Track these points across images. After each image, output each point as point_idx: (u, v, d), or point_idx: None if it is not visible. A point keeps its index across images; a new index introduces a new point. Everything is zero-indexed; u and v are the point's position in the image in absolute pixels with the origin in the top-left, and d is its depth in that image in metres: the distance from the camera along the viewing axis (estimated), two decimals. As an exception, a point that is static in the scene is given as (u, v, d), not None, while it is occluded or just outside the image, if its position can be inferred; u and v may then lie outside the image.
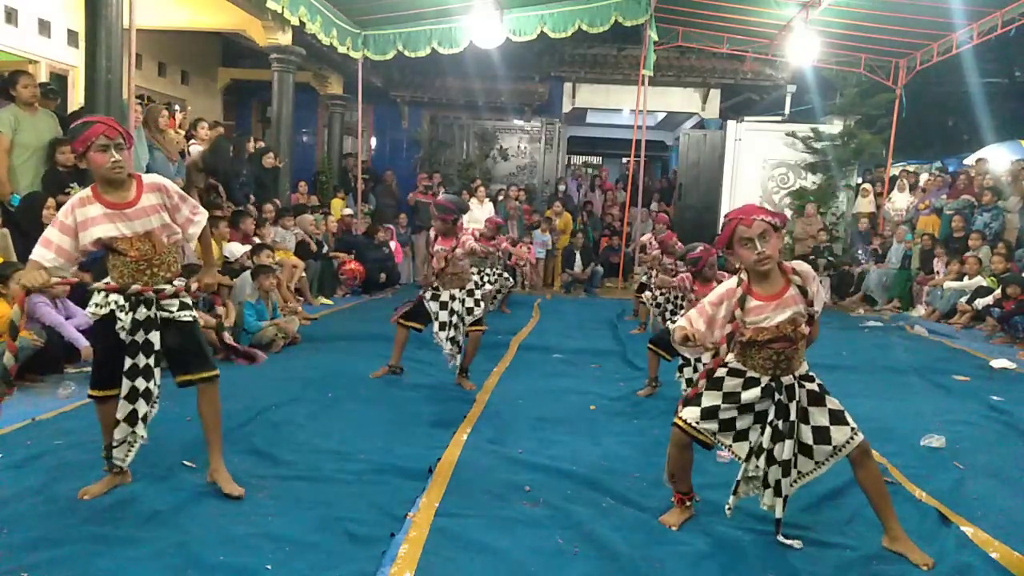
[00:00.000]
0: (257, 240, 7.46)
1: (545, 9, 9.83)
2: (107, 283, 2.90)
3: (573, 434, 4.07)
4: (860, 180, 12.38)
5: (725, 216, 2.73)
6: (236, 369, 5.29)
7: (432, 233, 5.06)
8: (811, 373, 2.77)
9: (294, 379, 4.98)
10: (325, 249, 9.38)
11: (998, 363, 6.42)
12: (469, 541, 2.70)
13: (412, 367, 5.41)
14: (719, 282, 4.54)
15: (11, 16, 7.96)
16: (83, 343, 4.81)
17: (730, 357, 2.80)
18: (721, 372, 2.80)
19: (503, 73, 12.95)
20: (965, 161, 13.19)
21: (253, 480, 3.15)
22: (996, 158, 12.28)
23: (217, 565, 2.44)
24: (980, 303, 8.28)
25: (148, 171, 6.60)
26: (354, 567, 2.49)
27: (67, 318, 4.80)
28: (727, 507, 2.85)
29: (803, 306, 2.66)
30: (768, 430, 2.70)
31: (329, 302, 8.71)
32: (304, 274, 8.30)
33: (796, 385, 2.71)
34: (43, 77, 8.38)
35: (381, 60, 10.79)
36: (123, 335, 2.86)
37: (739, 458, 2.83)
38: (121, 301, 2.86)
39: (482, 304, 5.07)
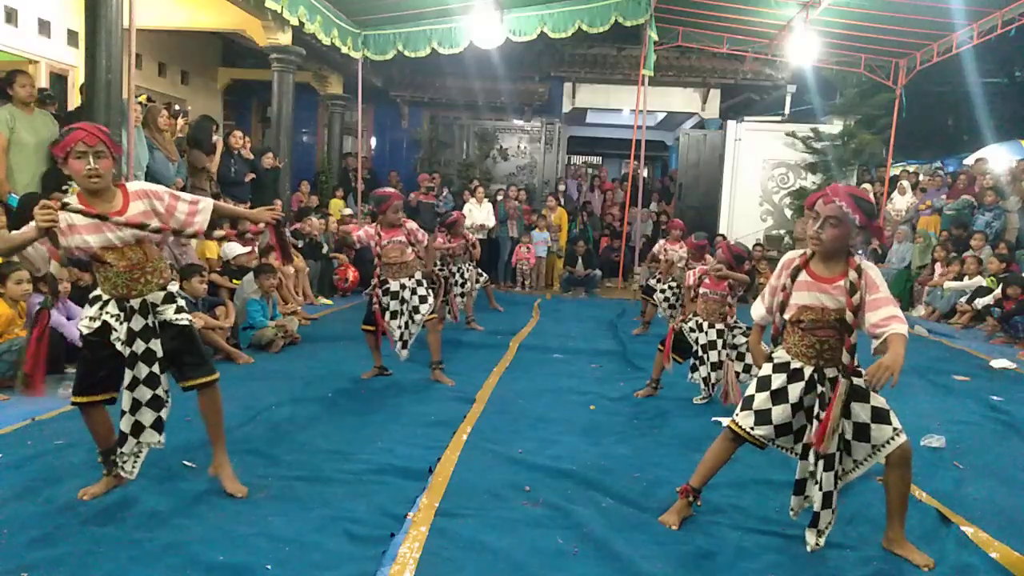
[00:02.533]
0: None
1: (545, 9, 9.82)
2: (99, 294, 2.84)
3: (573, 434, 4.07)
4: (859, 180, 12.38)
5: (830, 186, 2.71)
6: (236, 369, 5.29)
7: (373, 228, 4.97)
8: (860, 368, 2.66)
9: (294, 379, 4.98)
10: (325, 249, 9.38)
11: (998, 363, 6.42)
12: (469, 541, 2.70)
13: (411, 367, 5.41)
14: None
15: (11, 16, 7.97)
16: None
17: (778, 352, 2.79)
18: (767, 370, 2.78)
19: (503, 73, 12.95)
20: (965, 161, 13.20)
21: (253, 480, 3.15)
22: (996, 158, 12.29)
23: (217, 565, 2.44)
24: (980, 303, 8.28)
25: (148, 171, 6.63)
26: (354, 567, 2.49)
27: (68, 319, 4.80)
28: (791, 510, 2.78)
29: (843, 299, 2.59)
30: (814, 423, 2.66)
31: (329, 302, 8.71)
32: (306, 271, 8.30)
33: (840, 377, 2.63)
34: (43, 77, 8.39)
35: (381, 60, 10.79)
36: (119, 346, 2.80)
37: (797, 455, 2.78)
38: (115, 311, 2.80)
39: (431, 298, 5.02)
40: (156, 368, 2.86)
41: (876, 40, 10.46)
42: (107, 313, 2.80)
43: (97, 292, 2.85)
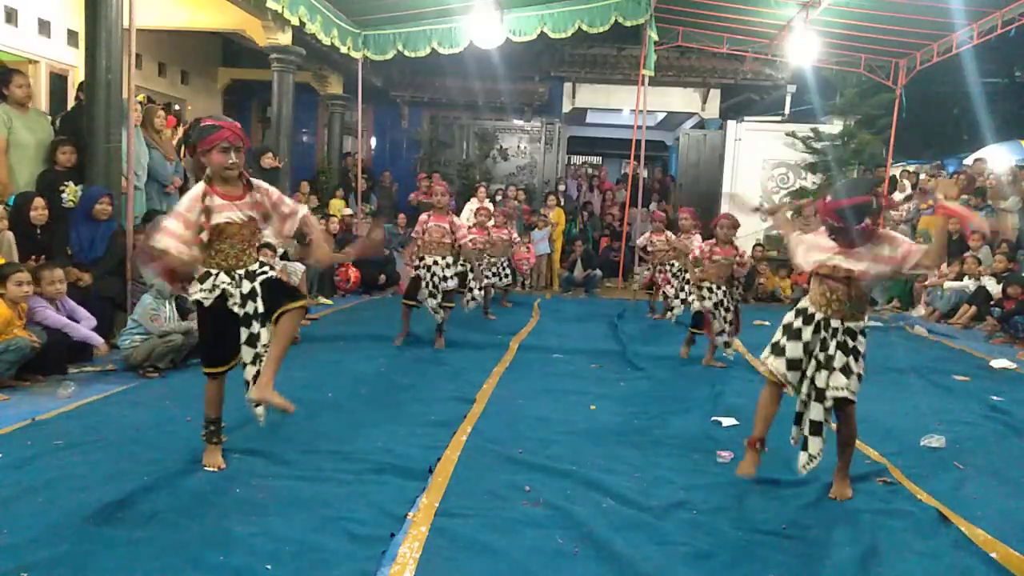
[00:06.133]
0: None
1: (545, 9, 9.81)
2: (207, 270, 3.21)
3: (573, 434, 4.07)
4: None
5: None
6: (237, 369, 5.27)
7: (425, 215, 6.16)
8: (861, 330, 3.16)
9: (294, 379, 4.96)
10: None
11: (998, 363, 6.41)
12: (469, 541, 2.70)
13: (412, 367, 5.41)
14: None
15: (11, 16, 7.96)
16: (98, 340, 4.83)
17: (803, 302, 3.29)
18: (790, 317, 3.28)
19: (503, 73, 12.94)
20: (965, 161, 13.20)
21: (253, 480, 3.16)
22: (996, 158, 12.28)
23: (217, 565, 2.45)
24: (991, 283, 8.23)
25: (148, 170, 6.63)
26: (354, 567, 2.49)
27: (71, 319, 4.80)
28: (792, 438, 3.32)
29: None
30: (813, 361, 3.19)
31: (329, 302, 8.70)
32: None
33: (841, 330, 3.14)
34: (43, 77, 8.39)
35: (381, 60, 10.79)
36: (236, 308, 3.20)
37: (797, 393, 3.25)
38: (227, 279, 3.19)
39: (455, 280, 6.14)
40: (259, 324, 3.23)
41: (876, 40, 10.45)
42: (221, 282, 3.19)
43: (205, 270, 3.20)
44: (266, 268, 3.32)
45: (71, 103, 8.20)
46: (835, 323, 3.14)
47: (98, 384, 4.65)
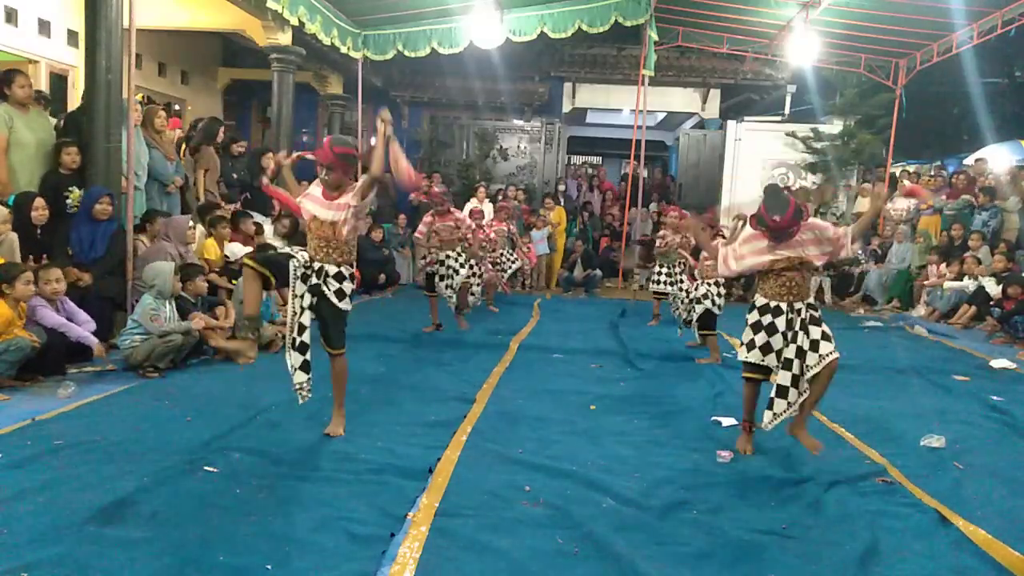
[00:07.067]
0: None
1: (545, 9, 9.81)
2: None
3: (573, 434, 4.07)
4: (859, 180, 12.37)
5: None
6: (236, 369, 5.28)
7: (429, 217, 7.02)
8: (815, 303, 3.69)
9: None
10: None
11: (998, 363, 6.41)
12: (469, 541, 2.71)
13: (412, 367, 5.41)
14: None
15: (11, 16, 7.97)
16: (94, 341, 4.82)
17: (757, 297, 3.75)
18: (755, 316, 3.73)
19: (503, 73, 12.94)
20: (965, 161, 13.20)
21: (253, 480, 3.16)
22: (996, 158, 12.28)
23: (217, 565, 2.45)
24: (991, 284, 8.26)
25: (148, 170, 6.62)
26: (354, 567, 2.49)
27: (68, 319, 4.80)
28: (765, 423, 3.66)
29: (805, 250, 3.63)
30: (792, 345, 3.60)
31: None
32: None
33: (804, 308, 3.63)
34: (43, 77, 8.39)
35: (381, 60, 10.79)
36: (297, 285, 3.66)
37: (774, 366, 3.69)
38: (305, 260, 3.70)
39: (465, 269, 6.90)
40: (306, 320, 3.68)
41: (876, 40, 10.45)
42: (301, 258, 3.68)
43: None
44: (338, 285, 3.73)
45: (71, 103, 8.21)
46: (798, 304, 3.64)
47: (98, 384, 4.66)
